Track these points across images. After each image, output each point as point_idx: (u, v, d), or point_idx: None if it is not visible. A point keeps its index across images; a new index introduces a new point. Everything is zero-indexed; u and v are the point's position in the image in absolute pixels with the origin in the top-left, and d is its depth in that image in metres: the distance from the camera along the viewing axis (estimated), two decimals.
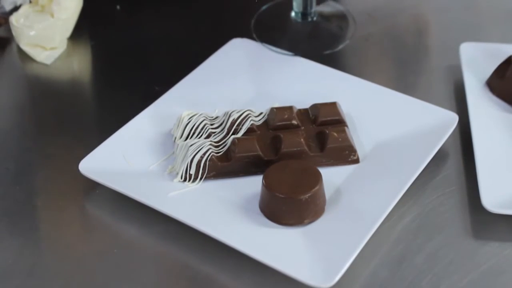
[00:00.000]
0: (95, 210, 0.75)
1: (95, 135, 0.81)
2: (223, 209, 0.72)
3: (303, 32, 0.90)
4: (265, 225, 0.71)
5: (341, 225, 0.70)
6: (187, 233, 0.71)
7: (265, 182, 0.71)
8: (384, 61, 0.90)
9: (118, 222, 0.74)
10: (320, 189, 0.71)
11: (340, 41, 0.89)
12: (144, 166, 0.76)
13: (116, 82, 0.87)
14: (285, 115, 0.77)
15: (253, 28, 0.89)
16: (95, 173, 0.74)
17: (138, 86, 0.87)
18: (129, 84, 0.87)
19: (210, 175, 0.75)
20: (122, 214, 0.74)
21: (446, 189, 0.75)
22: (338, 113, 0.78)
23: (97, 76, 0.90)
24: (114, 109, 0.84)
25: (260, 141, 0.76)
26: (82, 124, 0.83)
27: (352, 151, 0.76)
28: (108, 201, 0.75)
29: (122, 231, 0.73)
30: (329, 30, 0.90)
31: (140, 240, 0.72)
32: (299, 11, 0.91)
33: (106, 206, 0.75)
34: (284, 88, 0.83)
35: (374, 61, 0.90)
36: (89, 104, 0.87)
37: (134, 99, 0.84)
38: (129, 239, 0.72)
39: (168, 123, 0.80)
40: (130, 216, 0.74)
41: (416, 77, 0.87)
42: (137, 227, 0.73)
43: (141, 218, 0.73)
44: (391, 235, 0.72)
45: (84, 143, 0.79)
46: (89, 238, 0.73)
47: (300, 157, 0.75)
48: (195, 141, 0.75)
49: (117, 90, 0.86)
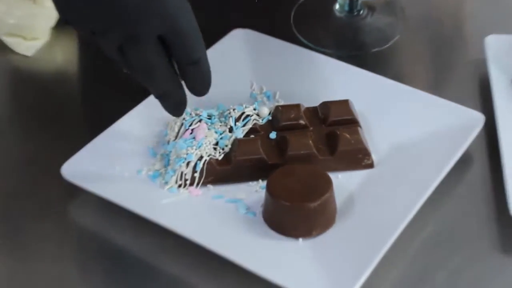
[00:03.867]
0: (79, 219, 0.75)
1: (79, 135, 0.81)
2: (223, 218, 0.72)
3: (348, 27, 0.91)
4: (269, 237, 0.71)
5: (353, 237, 0.70)
6: (182, 246, 0.71)
7: (269, 189, 0.71)
8: (400, 55, 0.91)
9: (105, 233, 0.74)
10: (331, 196, 0.71)
11: (390, 37, 0.90)
12: (134, 170, 0.76)
13: (104, 76, 0.87)
14: (292, 114, 0.77)
15: (292, 22, 0.91)
16: (79, 178, 0.74)
17: (128, 81, 0.82)
18: (118, 79, 0.84)
19: (208, 180, 0.75)
20: (109, 224, 0.74)
21: (471, 198, 0.76)
22: (350, 112, 0.78)
23: (83, 70, 0.91)
24: (101, 107, 0.84)
25: (264, 142, 0.76)
26: (66, 123, 0.83)
27: (366, 154, 0.76)
28: (94, 209, 0.75)
29: (109, 243, 0.73)
30: (377, 26, 0.91)
31: (129, 253, 0.72)
32: (345, 2, 0.91)
33: (91, 214, 0.75)
34: (290, 83, 0.83)
35: (389, 55, 0.90)
36: (73, 100, 0.87)
37: (124, 96, 0.84)
38: (117, 251, 0.73)
39: (162, 122, 0.79)
40: (118, 226, 0.74)
41: (436, 72, 0.88)
42: (126, 239, 0.73)
43: (130, 229, 0.73)
44: (410, 249, 0.72)
45: (68, 144, 0.79)
46: (72, 251, 0.73)
47: (308, 161, 0.75)
48: (192, 142, 0.75)
49: (105, 86, 0.86)
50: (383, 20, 0.91)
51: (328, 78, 0.83)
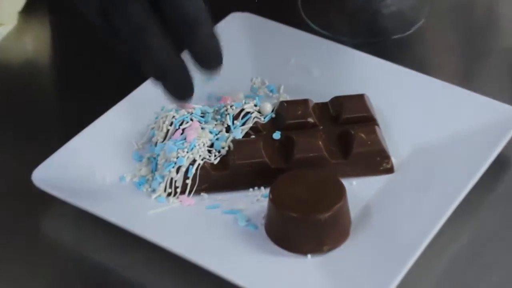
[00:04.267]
0: (52, 234, 0.75)
1: (54, 135, 0.81)
2: (219, 232, 0.72)
3: (365, 11, 0.91)
4: (273, 254, 0.70)
5: (371, 253, 0.69)
6: (172, 264, 0.70)
7: (272, 198, 0.71)
8: (425, 42, 0.91)
9: (83, 249, 0.73)
10: (344, 206, 0.70)
11: (413, 22, 0.89)
12: (116, 176, 0.76)
13: (82, 67, 0.88)
14: (299, 111, 0.77)
15: (300, 5, 0.91)
16: (53, 186, 0.74)
17: (110, 73, 0.87)
18: (98, 70, 0.88)
19: (202, 188, 0.74)
20: (89, 239, 0.74)
21: (508, 207, 0.75)
22: (367, 108, 0.78)
23: (57, 60, 0.91)
24: (78, 103, 0.84)
25: (267, 144, 0.76)
26: (38, 121, 0.84)
27: (385, 157, 0.75)
28: (70, 222, 0.74)
29: (88, 261, 0.73)
30: (399, 9, 0.91)
31: (111, 273, 0.72)
32: None
33: (67, 228, 0.75)
34: (297, 76, 0.84)
35: (412, 42, 0.90)
36: (46, 95, 0.87)
37: (104, 90, 0.85)
38: (97, 271, 0.72)
39: (148, 121, 0.80)
40: (97, 241, 0.73)
41: (466, 62, 0.88)
42: (107, 256, 0.73)
43: (112, 245, 0.73)
44: (436, 268, 0.71)
45: (40, 146, 0.79)
46: (45, 270, 0.73)
47: (318, 165, 0.75)
48: (183, 144, 0.75)
49: (82, 78, 0.87)
50: (406, 2, 0.92)
51: (341, 69, 0.83)
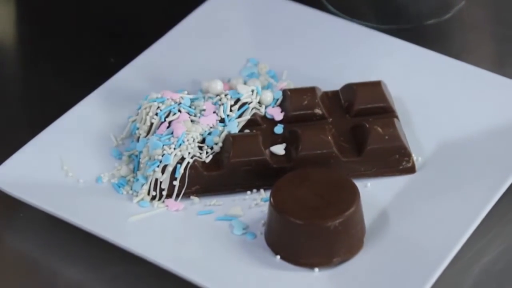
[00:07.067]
0: (18, 243, 0.74)
1: (20, 130, 0.81)
2: (212, 242, 0.71)
3: None
4: (274, 266, 0.69)
5: (387, 267, 0.69)
6: (158, 278, 0.70)
7: (274, 201, 0.70)
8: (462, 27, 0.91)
9: (54, 262, 0.73)
10: (357, 212, 0.70)
11: (451, 5, 0.89)
12: (92, 177, 0.75)
13: (52, 55, 0.87)
14: (305, 101, 0.77)
15: None
16: (18, 187, 0.73)
17: (85, 58, 0.87)
18: (71, 55, 0.87)
19: (192, 191, 0.74)
20: (59, 249, 0.73)
21: None
22: (384, 97, 0.78)
23: (25, 45, 0.90)
24: (49, 93, 0.84)
25: (267, 139, 0.75)
26: (2, 115, 0.83)
27: (405, 155, 0.75)
28: (38, 229, 0.74)
29: (59, 276, 0.72)
30: None
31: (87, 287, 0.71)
32: None
33: (35, 237, 0.74)
34: (302, 60, 0.83)
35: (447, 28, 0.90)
36: (13, 85, 0.87)
37: (78, 77, 0.84)
38: (71, 286, 0.71)
39: (129, 112, 0.79)
40: (71, 252, 0.72)
41: (506, 49, 0.87)
42: (82, 270, 0.72)
43: (88, 256, 0.72)
44: (464, 283, 0.71)
45: (4, 142, 0.79)
46: (10, 285, 0.72)
47: (326, 164, 0.74)
48: (169, 139, 0.74)
49: (52, 67, 0.86)
50: None
51: (354, 52, 0.83)
